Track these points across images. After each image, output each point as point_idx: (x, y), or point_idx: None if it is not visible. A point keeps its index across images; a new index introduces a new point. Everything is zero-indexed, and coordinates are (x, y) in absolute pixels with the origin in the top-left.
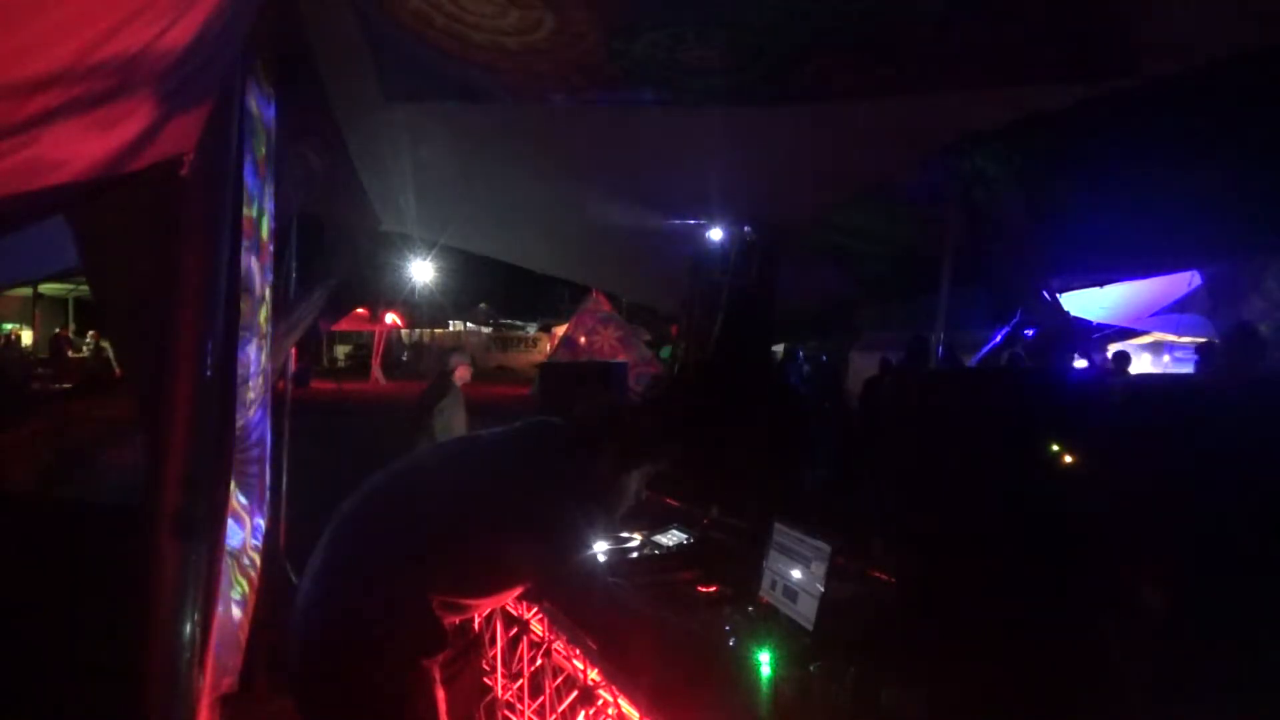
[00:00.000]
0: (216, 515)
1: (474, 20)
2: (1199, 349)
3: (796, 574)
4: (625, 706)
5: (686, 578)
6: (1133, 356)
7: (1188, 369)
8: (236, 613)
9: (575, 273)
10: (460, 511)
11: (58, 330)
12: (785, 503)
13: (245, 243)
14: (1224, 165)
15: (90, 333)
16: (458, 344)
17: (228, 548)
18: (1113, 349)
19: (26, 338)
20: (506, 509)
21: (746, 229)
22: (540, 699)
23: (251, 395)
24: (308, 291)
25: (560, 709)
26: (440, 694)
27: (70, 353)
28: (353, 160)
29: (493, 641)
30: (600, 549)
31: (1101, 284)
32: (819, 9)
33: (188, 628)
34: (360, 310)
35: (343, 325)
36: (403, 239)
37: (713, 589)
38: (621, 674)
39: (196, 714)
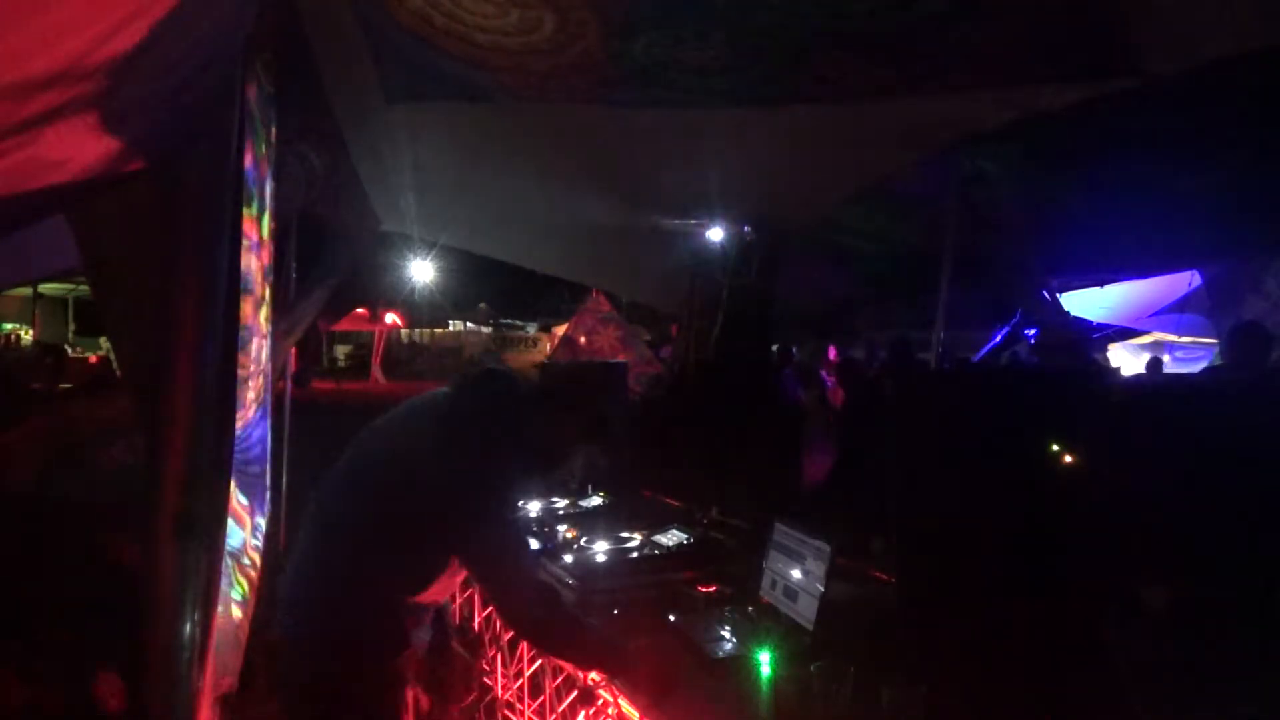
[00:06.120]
0: (216, 515)
1: (474, 20)
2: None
3: (796, 574)
4: (625, 706)
5: (686, 578)
6: (1133, 357)
7: (1187, 369)
8: (236, 613)
9: (575, 273)
10: (403, 504)
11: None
12: (785, 503)
13: (245, 243)
14: (1224, 165)
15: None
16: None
17: (228, 548)
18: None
19: (26, 337)
20: (445, 492)
21: (746, 229)
22: (540, 699)
23: (251, 395)
24: (308, 291)
25: (560, 709)
26: (411, 693)
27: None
28: (353, 160)
29: (493, 642)
30: (600, 548)
31: (1101, 284)
32: (819, 9)
33: (188, 628)
34: (360, 310)
35: (343, 325)
36: (403, 239)
37: (713, 589)
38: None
39: (196, 714)
